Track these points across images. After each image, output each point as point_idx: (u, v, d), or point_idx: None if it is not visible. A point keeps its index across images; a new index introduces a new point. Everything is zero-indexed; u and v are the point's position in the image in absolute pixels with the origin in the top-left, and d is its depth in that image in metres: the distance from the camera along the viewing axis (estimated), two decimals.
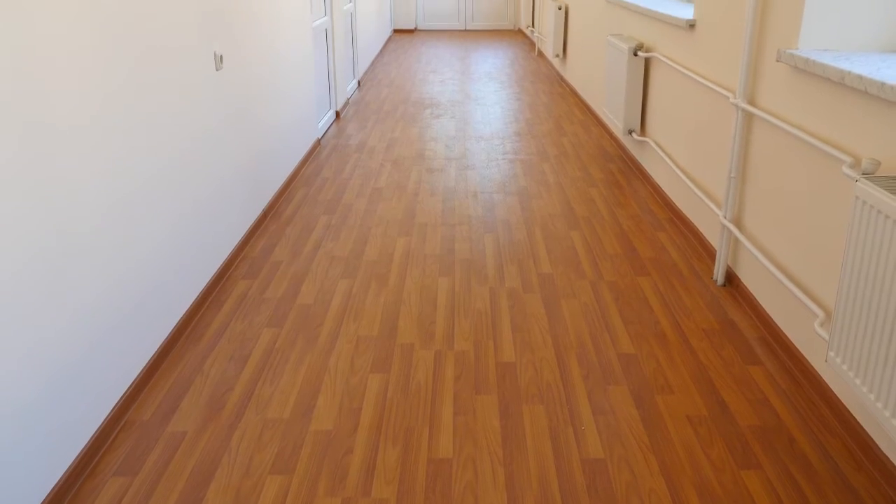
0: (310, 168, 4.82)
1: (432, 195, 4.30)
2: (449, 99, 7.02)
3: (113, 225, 2.24)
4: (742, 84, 2.94)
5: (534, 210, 4.05)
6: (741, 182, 3.03)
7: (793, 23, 2.56)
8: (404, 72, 8.53)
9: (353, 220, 3.90)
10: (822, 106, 2.38)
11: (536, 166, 4.85)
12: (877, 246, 1.83)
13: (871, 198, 1.85)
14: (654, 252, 3.49)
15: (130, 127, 2.35)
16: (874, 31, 2.50)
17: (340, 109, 6.38)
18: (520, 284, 3.17)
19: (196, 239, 2.94)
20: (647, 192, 4.32)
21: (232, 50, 3.35)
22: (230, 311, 2.95)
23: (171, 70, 2.67)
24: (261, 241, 3.64)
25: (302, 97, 4.84)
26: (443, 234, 3.73)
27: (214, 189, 3.15)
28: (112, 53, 2.23)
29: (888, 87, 1.94)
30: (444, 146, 5.36)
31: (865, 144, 2.14)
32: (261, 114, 3.84)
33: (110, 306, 2.23)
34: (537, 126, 5.95)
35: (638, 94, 4.56)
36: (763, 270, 2.84)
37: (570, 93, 7.24)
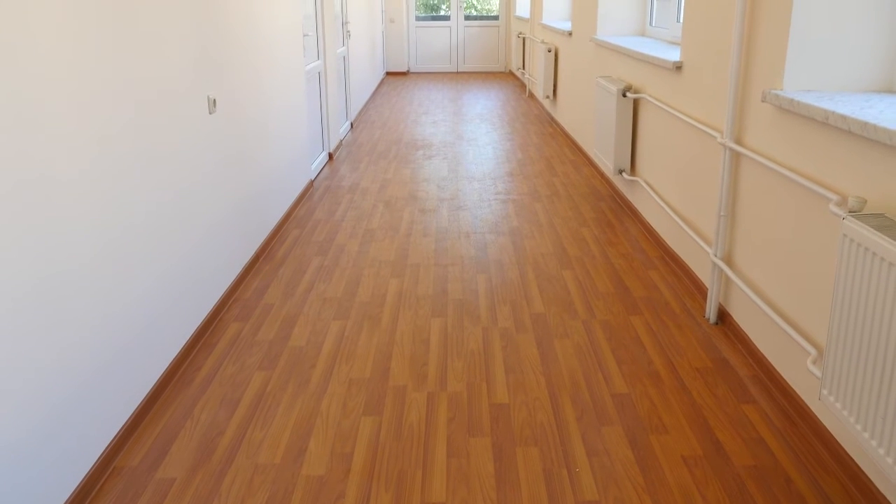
0: (302, 209, 4.84)
1: (425, 236, 4.31)
2: (441, 140, 7.08)
3: (105, 266, 2.24)
4: (729, 124, 2.98)
5: (526, 250, 4.06)
6: (731, 220, 3.05)
7: (777, 64, 2.61)
8: (397, 113, 8.62)
9: (345, 262, 3.91)
10: (808, 145, 2.42)
11: (528, 206, 4.88)
12: (865, 283, 1.84)
13: (858, 235, 1.86)
14: (646, 291, 3.49)
15: (124, 170, 2.37)
16: (857, 72, 2.54)
17: (333, 151, 6.42)
18: (513, 324, 3.17)
19: (188, 281, 2.93)
20: (638, 231, 4.34)
21: (225, 94, 3.38)
22: (222, 354, 2.93)
23: (164, 114, 2.69)
24: (253, 282, 3.64)
25: (295, 139, 4.88)
26: (435, 274, 3.73)
27: (207, 231, 3.15)
28: (107, 98, 2.25)
29: (871, 126, 1.97)
30: (437, 187, 5.39)
31: (851, 182, 2.17)
32: (254, 156, 3.87)
33: (99, 348, 2.21)
34: (529, 166, 5.99)
35: (627, 134, 4.61)
36: (755, 308, 2.84)
37: (560, 133, 7.32)
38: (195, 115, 3.01)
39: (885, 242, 1.75)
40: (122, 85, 2.37)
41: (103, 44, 2.24)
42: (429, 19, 12.99)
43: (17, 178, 1.80)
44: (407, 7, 12.63)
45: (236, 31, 3.56)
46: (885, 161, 2.00)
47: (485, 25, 12.86)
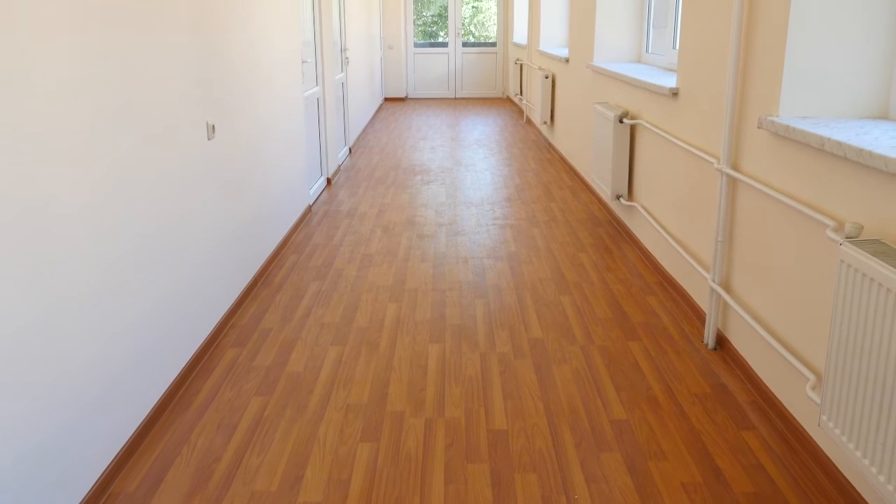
0: (301, 234, 4.84)
1: (423, 261, 4.31)
2: (439, 165, 7.11)
3: (102, 291, 2.24)
4: (725, 150, 3.00)
5: (524, 275, 4.07)
6: (728, 246, 3.06)
7: (772, 91, 2.63)
8: (395, 139, 8.66)
9: (343, 287, 3.90)
10: (805, 171, 2.43)
11: (526, 231, 4.89)
12: (863, 309, 1.84)
13: (856, 261, 1.87)
14: (644, 316, 3.49)
15: (123, 196, 2.37)
16: (852, 99, 2.57)
17: (331, 176, 6.44)
18: (511, 350, 3.16)
19: (185, 306, 2.93)
20: (636, 257, 4.35)
21: (224, 120, 3.40)
22: (219, 380, 2.92)
23: (163, 140, 2.71)
24: (251, 308, 3.63)
25: (293, 164, 4.89)
26: (433, 299, 3.73)
27: (205, 256, 3.15)
28: (108, 125, 2.26)
29: (867, 152, 1.98)
30: (435, 212, 5.40)
31: (848, 208, 2.17)
32: (252, 181, 3.88)
33: (96, 374, 2.20)
34: (526, 192, 6.02)
35: (625, 160, 4.63)
36: (753, 334, 2.84)
37: (558, 159, 7.35)
38: (194, 141, 3.03)
39: (882, 268, 1.76)
40: (123, 111, 2.38)
41: (105, 71, 2.26)
42: (427, 46, 13.10)
43: (21, 205, 1.81)
44: (405, 34, 12.74)
45: (236, 58, 3.59)
46: (881, 187, 2.01)
47: (482, 52, 12.97)
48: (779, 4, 2.57)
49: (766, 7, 2.67)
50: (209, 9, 3.19)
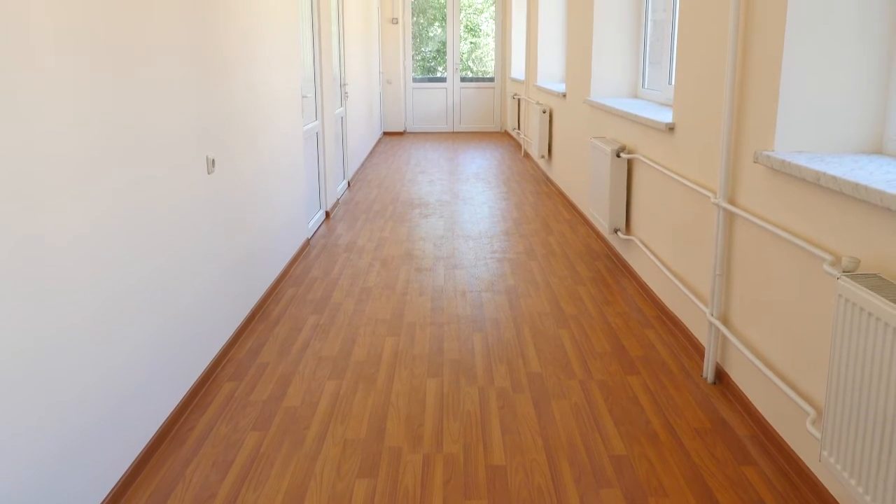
0: (299, 268, 4.84)
1: (421, 294, 4.31)
2: (437, 199, 7.14)
3: (98, 325, 2.23)
4: (722, 184, 3.01)
5: (522, 309, 4.06)
6: (726, 279, 3.06)
7: (767, 126, 2.66)
8: (393, 172, 8.70)
9: (341, 320, 3.89)
10: (801, 205, 2.44)
11: (524, 265, 4.89)
12: (862, 344, 1.84)
13: (854, 296, 1.87)
14: (643, 350, 3.48)
15: (122, 229, 2.38)
16: (846, 134, 2.59)
17: (330, 209, 6.46)
18: (509, 384, 3.14)
19: (182, 340, 2.91)
20: (634, 290, 4.35)
21: (224, 154, 3.42)
22: (215, 414, 2.90)
23: (163, 174, 2.72)
24: (248, 341, 3.61)
25: (292, 198, 4.91)
26: (431, 333, 3.72)
27: (202, 290, 3.15)
28: (108, 159, 2.27)
29: (862, 187, 2.00)
30: (433, 245, 5.41)
31: (844, 242, 2.18)
32: (251, 215, 3.89)
33: (90, 408, 2.19)
34: (524, 225, 6.03)
35: (622, 193, 4.65)
36: (752, 368, 2.83)
37: (556, 192, 7.39)
38: (194, 175, 3.04)
39: (880, 303, 1.76)
40: (123, 145, 2.39)
41: (105, 106, 2.27)
42: (425, 80, 13.23)
43: (19, 237, 1.81)
44: (404, 68, 12.88)
45: (236, 93, 3.62)
46: (877, 222, 2.02)
47: (481, 87, 13.10)
48: (773, 40, 2.61)
49: (761, 43, 2.71)
50: (211, 45, 3.23)
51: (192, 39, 3.02)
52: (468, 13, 13.85)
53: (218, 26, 3.34)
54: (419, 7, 13.26)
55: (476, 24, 14.05)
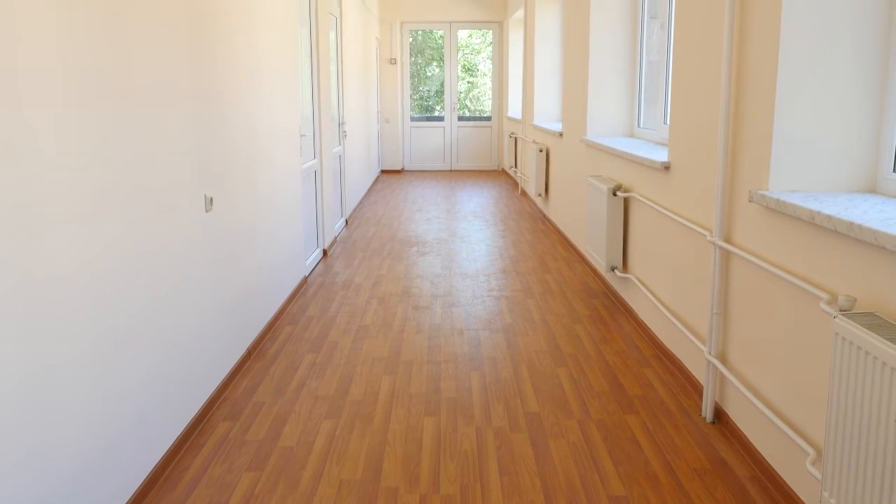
0: (296, 305, 4.83)
1: (418, 332, 4.30)
2: (435, 237, 7.16)
3: (93, 362, 2.22)
4: (718, 223, 3.03)
5: (520, 347, 4.05)
6: (724, 318, 3.06)
7: (762, 165, 2.68)
8: (391, 210, 8.74)
9: (338, 359, 3.88)
10: (796, 244, 2.45)
11: (521, 303, 4.89)
12: (860, 383, 1.83)
13: (850, 334, 1.87)
14: (641, 389, 3.46)
15: (120, 266, 2.38)
16: (841, 173, 2.61)
17: (328, 247, 6.47)
18: (507, 424, 3.12)
19: (177, 379, 2.90)
20: (631, 328, 4.34)
21: (222, 192, 3.44)
22: (209, 455, 2.87)
23: (162, 212, 2.73)
24: (244, 380, 3.59)
25: (290, 236, 4.92)
26: (428, 371, 3.70)
27: (198, 328, 3.14)
28: (108, 197, 2.28)
29: (856, 226, 2.01)
30: (430, 283, 5.41)
31: (840, 281, 2.19)
32: (248, 253, 3.89)
33: (83, 446, 2.17)
34: (522, 263, 6.04)
35: (619, 232, 4.67)
36: (751, 407, 2.81)
37: (553, 230, 7.41)
38: (192, 214, 3.05)
39: (877, 342, 1.76)
40: (123, 183, 2.41)
41: (106, 144, 2.29)
42: (423, 119, 13.35)
43: (18, 275, 1.81)
44: (402, 108, 13.00)
45: (235, 131, 3.65)
46: (872, 260, 2.03)
47: (478, 126, 13.22)
48: (765, 81, 2.64)
49: (754, 84, 2.74)
50: (211, 84, 3.27)
51: (193, 78, 3.05)
52: (466, 53, 14.04)
53: (218, 66, 3.38)
54: (417, 47, 13.43)
55: (473, 64, 14.24)
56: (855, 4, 2.51)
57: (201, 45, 3.16)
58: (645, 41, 5.44)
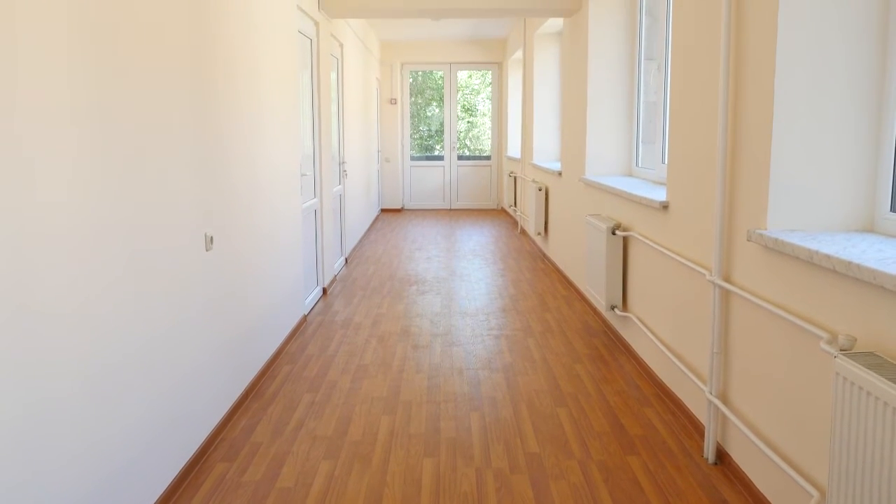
0: (295, 344, 4.81)
1: (418, 372, 4.28)
2: (434, 275, 7.16)
3: (88, 401, 2.20)
4: (717, 262, 3.03)
5: (520, 386, 4.02)
6: (724, 357, 3.05)
7: (760, 205, 2.69)
8: (391, 249, 8.75)
9: (337, 398, 3.85)
10: (795, 283, 2.45)
11: (521, 342, 4.87)
12: (862, 423, 1.82)
13: (852, 374, 1.86)
14: (642, 429, 3.43)
15: (118, 304, 2.38)
16: (838, 212, 2.62)
17: (327, 286, 6.47)
18: (507, 465, 3.09)
19: (174, 418, 2.87)
20: (632, 368, 4.32)
21: (222, 231, 3.45)
22: (206, 496, 2.83)
23: (161, 250, 2.74)
24: (242, 420, 3.56)
25: (289, 275, 4.93)
26: (428, 411, 3.67)
27: (196, 367, 3.12)
28: (107, 235, 2.29)
29: (855, 265, 2.01)
30: (430, 322, 5.39)
31: (840, 320, 2.18)
32: (248, 292, 3.89)
33: (77, 486, 2.14)
34: (521, 302, 6.03)
35: (618, 270, 4.67)
36: (754, 447, 2.79)
37: (552, 269, 7.42)
38: (192, 252, 3.06)
39: (879, 382, 1.75)
40: (124, 222, 2.42)
41: (107, 183, 2.31)
42: (423, 159, 13.44)
43: (14, 309, 1.81)
44: (402, 147, 13.10)
45: (236, 171, 3.68)
46: (871, 300, 2.03)
47: (477, 165, 13.30)
48: (762, 121, 2.67)
49: (750, 124, 2.77)
50: (212, 124, 3.30)
51: (195, 119, 3.09)
52: (465, 94, 14.19)
53: (220, 107, 3.41)
54: (417, 87, 13.58)
55: (473, 104, 14.38)
56: (850, 47, 2.55)
57: (203, 87, 3.20)
58: (642, 82, 5.51)
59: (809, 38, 2.56)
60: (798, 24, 2.56)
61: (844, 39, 2.55)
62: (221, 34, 3.44)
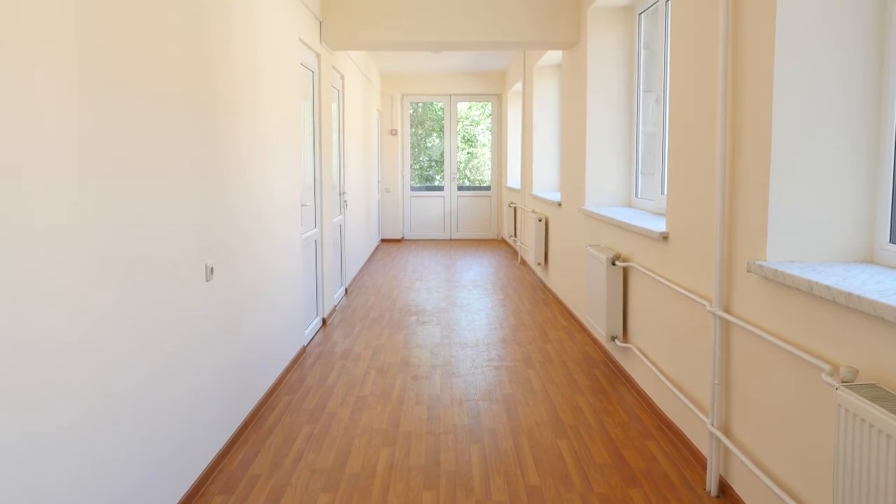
0: (294, 375, 4.79)
1: (417, 403, 4.25)
2: (434, 306, 7.14)
3: (83, 432, 2.19)
4: (717, 293, 3.03)
5: (520, 418, 4.00)
6: (725, 389, 3.03)
7: (759, 236, 2.70)
8: (391, 279, 8.75)
9: (336, 430, 3.82)
10: (795, 314, 2.45)
11: (522, 373, 4.85)
12: (865, 456, 1.80)
13: (854, 406, 1.85)
14: (644, 462, 3.40)
15: (116, 335, 2.37)
16: (837, 243, 2.63)
17: (327, 316, 6.45)
18: (507, 498, 3.05)
19: (171, 451, 2.85)
20: (633, 399, 4.29)
21: (222, 262, 3.45)
22: None
23: (162, 281, 2.73)
24: (240, 452, 3.53)
25: (289, 306, 4.92)
26: (428, 443, 3.64)
27: (195, 399, 3.11)
28: (106, 266, 2.29)
29: (855, 297, 2.01)
30: (430, 353, 5.37)
31: (841, 351, 2.18)
32: (248, 323, 3.88)
33: None
34: (522, 332, 6.01)
35: (618, 301, 4.67)
36: (756, 480, 2.76)
37: (552, 300, 7.40)
38: (192, 283, 3.06)
39: (882, 414, 1.74)
40: (124, 253, 2.42)
41: (107, 214, 2.31)
42: (423, 189, 13.49)
43: (13, 341, 1.80)
44: (402, 177, 13.16)
45: (237, 202, 3.69)
46: (872, 331, 2.02)
47: (477, 195, 13.35)
48: (760, 153, 2.69)
49: (749, 155, 2.79)
50: (213, 155, 3.32)
51: (195, 150, 3.10)
52: (465, 125, 14.29)
53: (221, 138, 3.44)
54: (418, 118, 13.68)
55: (473, 134, 14.47)
56: (847, 77, 2.58)
57: (205, 117, 3.22)
58: (641, 114, 5.55)
59: (807, 69, 2.58)
60: (795, 56, 2.58)
61: (842, 70, 2.58)
62: (224, 65, 3.47)
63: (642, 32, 5.46)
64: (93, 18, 2.22)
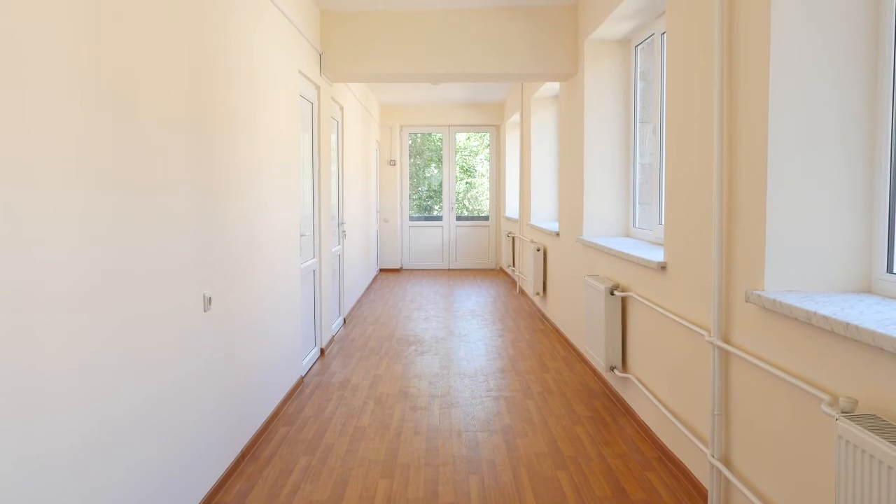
0: (292, 406, 4.76)
1: (416, 434, 4.22)
2: (433, 336, 7.12)
3: (77, 462, 2.17)
4: (715, 323, 3.03)
5: (519, 449, 3.97)
6: (725, 419, 3.02)
7: (756, 266, 2.70)
8: (389, 309, 8.73)
9: (333, 462, 3.79)
10: (794, 344, 2.45)
11: (521, 403, 4.82)
12: (867, 487, 1.79)
13: (854, 437, 1.84)
14: (644, 494, 3.37)
15: (111, 366, 2.36)
16: (835, 274, 2.63)
17: (325, 346, 6.43)
18: None
19: (167, 482, 2.82)
20: (633, 430, 4.26)
21: (221, 292, 3.45)
22: None
23: (160, 312, 2.73)
24: (237, 484, 3.50)
25: (287, 336, 4.90)
26: (426, 475, 3.61)
27: (192, 430, 3.09)
28: (104, 298, 2.29)
29: (853, 327, 2.01)
30: (428, 383, 5.35)
31: (841, 382, 2.17)
32: (245, 354, 3.87)
33: None
34: (521, 362, 5.99)
35: (617, 331, 4.66)
36: None
37: (551, 329, 7.39)
38: (191, 313, 3.05)
39: (882, 445, 1.73)
40: (121, 284, 2.42)
41: (106, 243, 2.32)
42: (422, 219, 13.52)
43: (12, 369, 1.80)
44: (401, 208, 13.20)
45: (235, 232, 3.70)
46: (871, 361, 2.02)
47: (475, 225, 13.38)
48: (757, 184, 2.70)
49: (745, 185, 2.80)
50: (212, 186, 3.33)
51: (194, 181, 3.12)
52: (464, 155, 14.36)
53: (220, 170, 3.45)
54: (416, 149, 13.76)
55: (471, 165, 14.54)
56: (843, 106, 2.60)
57: (204, 150, 3.24)
58: (638, 144, 5.59)
59: (802, 99, 2.61)
60: (790, 86, 2.61)
61: (837, 99, 2.61)
62: (225, 98, 3.50)
63: (638, 64, 5.52)
64: (91, 63, 2.24)
